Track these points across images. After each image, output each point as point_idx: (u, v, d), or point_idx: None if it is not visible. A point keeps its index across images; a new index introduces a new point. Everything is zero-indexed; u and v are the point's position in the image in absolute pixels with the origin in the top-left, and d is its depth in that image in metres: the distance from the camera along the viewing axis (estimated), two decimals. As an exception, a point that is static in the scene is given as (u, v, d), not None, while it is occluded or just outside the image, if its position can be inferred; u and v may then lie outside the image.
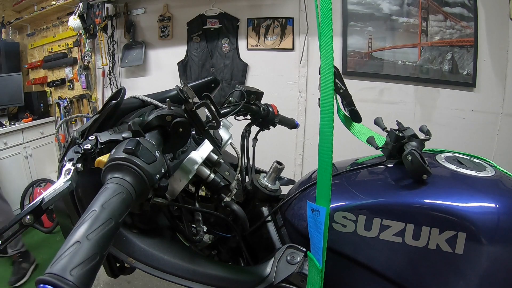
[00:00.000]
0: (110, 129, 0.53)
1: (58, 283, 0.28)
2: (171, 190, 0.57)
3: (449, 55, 1.87)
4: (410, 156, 0.53)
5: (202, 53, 2.38)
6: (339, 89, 0.70)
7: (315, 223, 0.46)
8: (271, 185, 0.68)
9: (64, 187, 0.41)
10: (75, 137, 0.51)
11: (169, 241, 0.58)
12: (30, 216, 0.38)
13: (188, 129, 0.49)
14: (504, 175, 0.57)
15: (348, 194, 0.56)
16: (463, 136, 1.92)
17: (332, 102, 0.41)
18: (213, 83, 0.77)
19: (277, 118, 0.88)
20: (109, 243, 0.34)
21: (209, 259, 0.61)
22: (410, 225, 0.49)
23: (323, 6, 0.44)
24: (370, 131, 0.72)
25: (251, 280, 0.54)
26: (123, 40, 2.64)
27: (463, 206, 0.49)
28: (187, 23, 2.39)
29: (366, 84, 2.07)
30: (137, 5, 2.54)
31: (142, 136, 0.46)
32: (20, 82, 2.77)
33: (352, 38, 2.04)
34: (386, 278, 0.52)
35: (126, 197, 0.37)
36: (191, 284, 0.52)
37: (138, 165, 0.40)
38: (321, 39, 0.45)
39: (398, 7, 1.94)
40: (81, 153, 0.45)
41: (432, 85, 1.95)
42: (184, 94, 0.47)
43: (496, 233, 0.47)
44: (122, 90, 0.57)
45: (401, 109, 2.03)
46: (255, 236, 0.66)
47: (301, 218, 0.59)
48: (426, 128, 0.65)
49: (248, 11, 2.27)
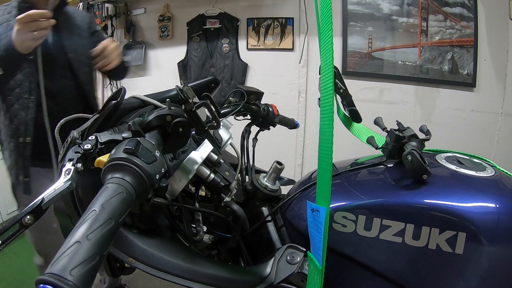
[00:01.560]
0: (110, 129, 0.53)
1: (58, 283, 0.28)
2: (171, 190, 0.57)
3: (449, 55, 1.87)
4: (410, 156, 0.53)
5: (202, 53, 2.38)
6: (339, 89, 0.70)
7: (315, 223, 0.46)
8: (271, 185, 0.68)
9: (64, 187, 0.40)
10: (75, 137, 0.51)
11: (169, 241, 0.58)
12: (30, 216, 0.38)
13: (188, 129, 0.49)
14: (504, 175, 0.57)
15: (348, 194, 0.56)
16: (463, 136, 1.92)
17: (332, 102, 0.41)
18: (213, 83, 0.77)
19: (277, 118, 0.88)
20: (109, 243, 0.34)
21: (209, 259, 0.62)
22: (410, 225, 0.49)
23: (323, 6, 0.44)
24: (370, 131, 0.72)
25: (251, 280, 0.54)
26: (123, 40, 2.64)
27: (463, 206, 0.49)
28: (187, 23, 2.39)
29: (366, 84, 2.07)
30: (137, 5, 2.54)
31: (142, 136, 0.46)
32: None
33: (352, 38, 2.04)
34: (386, 278, 0.52)
35: (126, 197, 0.37)
36: (191, 284, 0.52)
37: (138, 165, 0.40)
38: (321, 39, 0.45)
39: (398, 7, 1.94)
40: (81, 153, 0.45)
41: (432, 85, 1.95)
42: (184, 94, 0.47)
43: (496, 233, 0.47)
44: (122, 90, 0.57)
45: (401, 109, 2.03)
46: (255, 236, 0.66)
47: (301, 218, 0.59)
48: (426, 128, 0.65)
49: (248, 11, 2.27)
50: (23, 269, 1.99)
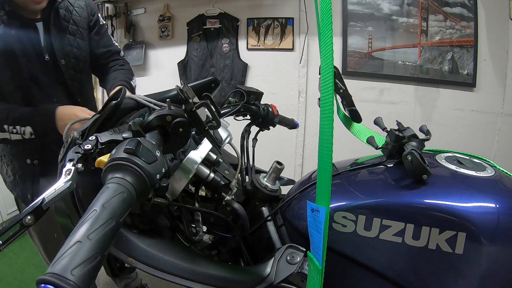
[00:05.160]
0: (110, 129, 0.53)
1: (59, 283, 0.28)
2: (171, 190, 0.57)
3: (449, 55, 1.87)
4: (410, 156, 0.53)
5: (202, 53, 2.38)
6: (339, 89, 0.70)
7: (315, 223, 0.46)
8: (271, 185, 0.68)
9: (65, 187, 0.41)
10: (75, 137, 0.51)
11: (169, 241, 0.58)
12: (30, 217, 0.38)
13: (188, 129, 0.50)
14: (504, 175, 0.57)
15: (348, 194, 0.56)
16: (463, 136, 1.92)
17: (332, 102, 0.41)
18: (213, 83, 0.77)
19: (277, 118, 0.88)
20: (110, 242, 0.34)
21: (209, 259, 0.61)
22: (410, 225, 0.49)
23: (323, 6, 0.44)
24: (370, 131, 0.72)
25: (251, 280, 0.54)
26: (123, 40, 2.64)
27: (463, 206, 0.49)
28: (187, 23, 2.39)
29: (366, 84, 2.07)
30: (137, 5, 2.54)
31: (143, 136, 0.46)
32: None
33: (352, 38, 2.04)
34: (386, 278, 0.52)
35: (127, 197, 0.37)
36: (191, 284, 0.52)
37: (138, 165, 0.40)
38: (321, 39, 0.45)
39: (398, 7, 1.94)
40: (81, 153, 0.45)
41: (432, 85, 1.95)
42: (184, 94, 0.47)
43: (496, 233, 0.47)
44: (122, 90, 0.57)
45: (401, 109, 2.03)
46: (255, 236, 0.66)
47: (301, 218, 0.59)
48: (426, 128, 0.65)
49: (248, 11, 2.27)
50: (23, 269, 1.99)
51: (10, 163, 1.08)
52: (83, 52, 1.07)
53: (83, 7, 1.09)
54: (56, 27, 1.01)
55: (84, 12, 1.09)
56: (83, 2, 1.10)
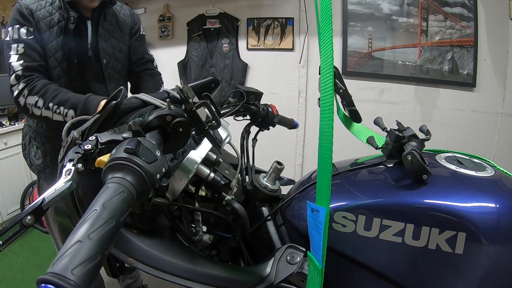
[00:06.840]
0: (110, 129, 0.53)
1: (59, 282, 0.28)
2: (171, 189, 0.57)
3: (449, 55, 1.87)
4: (410, 156, 0.53)
5: (202, 53, 2.38)
6: (339, 89, 0.70)
7: (315, 223, 0.46)
8: (271, 185, 0.68)
9: (65, 187, 0.41)
10: (75, 137, 0.51)
11: (169, 241, 0.58)
12: (30, 217, 0.38)
13: (188, 129, 0.50)
14: (504, 175, 0.57)
15: (348, 194, 0.56)
16: (463, 136, 1.92)
17: (332, 102, 0.42)
18: (213, 83, 0.77)
19: (277, 118, 0.88)
20: (111, 242, 0.34)
21: (209, 259, 0.62)
22: (410, 225, 0.49)
23: (323, 6, 0.44)
24: (370, 131, 0.72)
25: (251, 280, 0.54)
26: (123, 40, 2.64)
27: (463, 206, 0.49)
28: (187, 23, 2.39)
29: (366, 84, 2.07)
30: (137, 5, 2.54)
31: (143, 136, 0.46)
32: (20, 82, 2.75)
33: (352, 38, 2.04)
34: (386, 278, 0.52)
35: (127, 197, 0.37)
36: (191, 284, 0.52)
37: (139, 165, 0.40)
38: (321, 39, 0.45)
39: (398, 7, 1.94)
40: (81, 153, 0.45)
41: (432, 85, 1.95)
42: (184, 94, 0.47)
43: (496, 233, 0.47)
44: (122, 90, 0.57)
45: (401, 109, 2.03)
46: (255, 236, 0.66)
47: (301, 218, 0.59)
48: (426, 128, 0.65)
49: (248, 11, 2.27)
50: (23, 269, 2.00)
51: (42, 146, 1.12)
52: (123, 55, 1.16)
53: (128, 15, 1.22)
54: (103, 28, 1.10)
55: (129, 19, 1.21)
56: (128, 12, 1.22)
